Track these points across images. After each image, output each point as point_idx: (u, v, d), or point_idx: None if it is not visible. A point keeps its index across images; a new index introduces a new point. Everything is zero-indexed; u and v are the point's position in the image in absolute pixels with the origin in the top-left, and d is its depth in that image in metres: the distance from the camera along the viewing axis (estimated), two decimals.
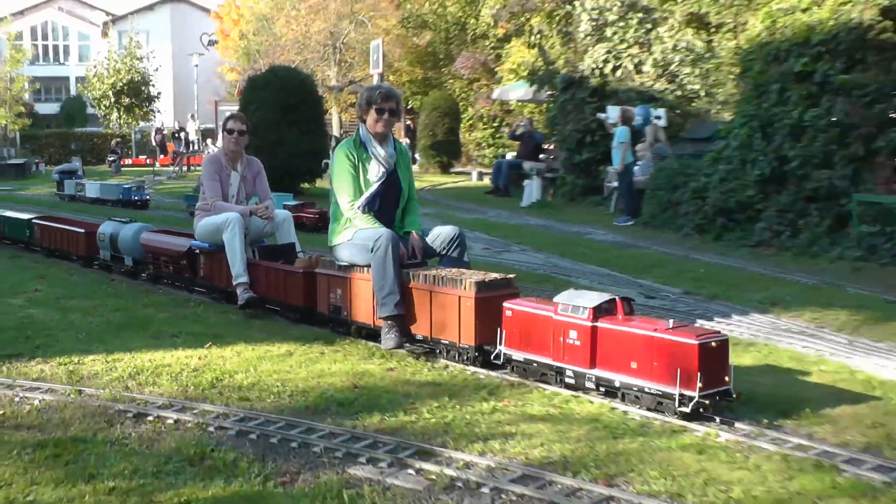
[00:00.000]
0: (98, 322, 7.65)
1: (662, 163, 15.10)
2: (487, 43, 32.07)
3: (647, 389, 4.89)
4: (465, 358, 5.85)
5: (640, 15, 22.18)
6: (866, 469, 4.36)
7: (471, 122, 30.01)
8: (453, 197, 20.96)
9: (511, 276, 6.26)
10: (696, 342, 4.70)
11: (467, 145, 29.49)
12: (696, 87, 20.94)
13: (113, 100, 40.26)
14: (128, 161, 35.80)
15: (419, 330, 6.15)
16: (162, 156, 35.83)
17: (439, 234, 6.90)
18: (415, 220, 7.06)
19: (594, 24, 22.29)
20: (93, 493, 3.94)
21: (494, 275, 6.06)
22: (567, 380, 5.30)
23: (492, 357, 5.72)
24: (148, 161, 36.50)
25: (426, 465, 4.32)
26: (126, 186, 18.38)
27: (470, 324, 5.77)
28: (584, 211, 18.05)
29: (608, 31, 21.71)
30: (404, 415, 5.13)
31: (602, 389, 5.26)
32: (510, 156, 23.80)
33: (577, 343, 5.18)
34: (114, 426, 4.94)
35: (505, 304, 5.63)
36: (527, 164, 20.74)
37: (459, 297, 5.80)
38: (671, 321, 5.04)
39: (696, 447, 4.66)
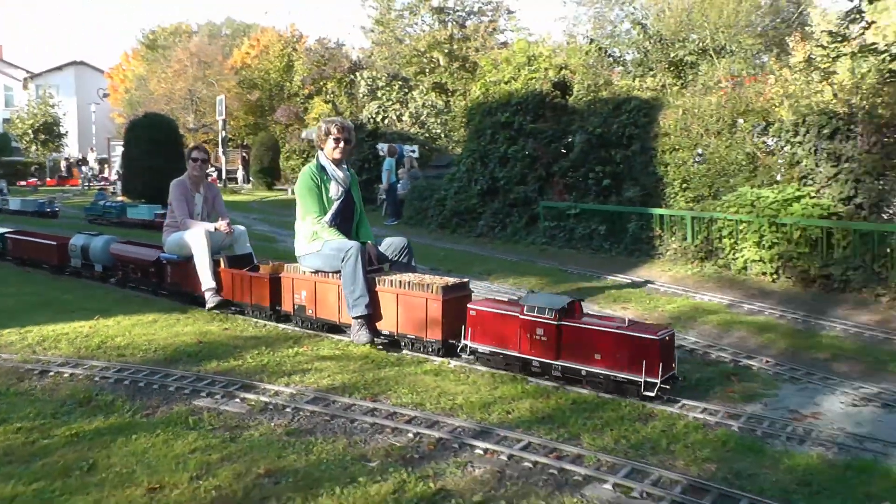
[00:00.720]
0: (14, 303, 7.08)
1: (416, 182, 15.60)
2: (298, 99, 32.43)
3: (612, 377, 4.46)
4: (431, 350, 5.30)
5: (400, 83, 23.09)
6: (544, 379, 4.77)
7: (287, 154, 29.76)
8: (275, 206, 20.47)
9: (466, 279, 5.72)
10: (657, 338, 4.34)
11: (285, 170, 29.22)
12: (438, 131, 21.93)
13: (31, 136, 38.73)
14: (42, 182, 33.34)
15: (386, 326, 5.51)
16: (69, 178, 33.97)
17: (391, 244, 6.22)
18: (368, 232, 6.33)
19: (369, 87, 22.98)
20: (3, 433, 3.86)
21: (454, 280, 5.52)
22: (533, 369, 4.78)
23: (458, 350, 5.13)
24: (58, 182, 34.35)
25: (248, 395, 4.49)
26: (41, 201, 17.60)
27: (437, 322, 5.19)
28: None
29: (379, 93, 22.33)
30: (234, 360, 5.23)
31: (565, 377, 4.71)
32: None
33: (544, 339, 4.68)
34: (23, 381, 4.79)
35: (470, 305, 5.08)
36: None
37: (427, 300, 5.20)
38: (626, 319, 4.74)
39: (434, 371, 5.22)
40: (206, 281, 6.63)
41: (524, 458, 3.52)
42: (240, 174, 33.44)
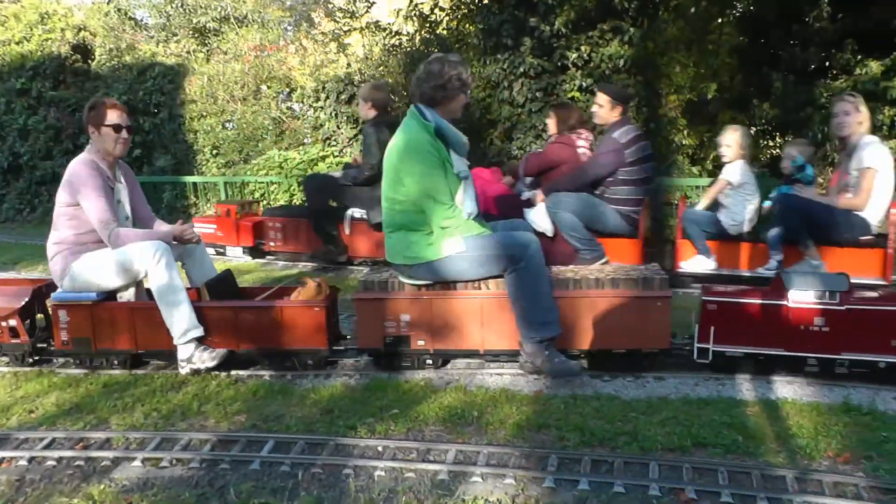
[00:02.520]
0: None
1: None
2: None
3: None
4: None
5: None
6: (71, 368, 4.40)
7: None
8: None
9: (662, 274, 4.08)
10: None
11: None
12: None
13: None
14: None
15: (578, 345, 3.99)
16: None
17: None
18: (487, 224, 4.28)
19: None
20: None
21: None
22: (808, 368, 3.80)
23: (695, 355, 3.88)
24: None
25: None
26: None
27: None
28: None
29: None
30: None
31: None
32: None
33: (825, 329, 3.69)
34: None
35: (707, 298, 3.88)
36: None
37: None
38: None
39: None
40: (188, 323, 4.11)
41: (47, 458, 3.18)
42: None
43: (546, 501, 2.70)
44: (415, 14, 9.73)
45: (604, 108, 5.70)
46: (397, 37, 10.07)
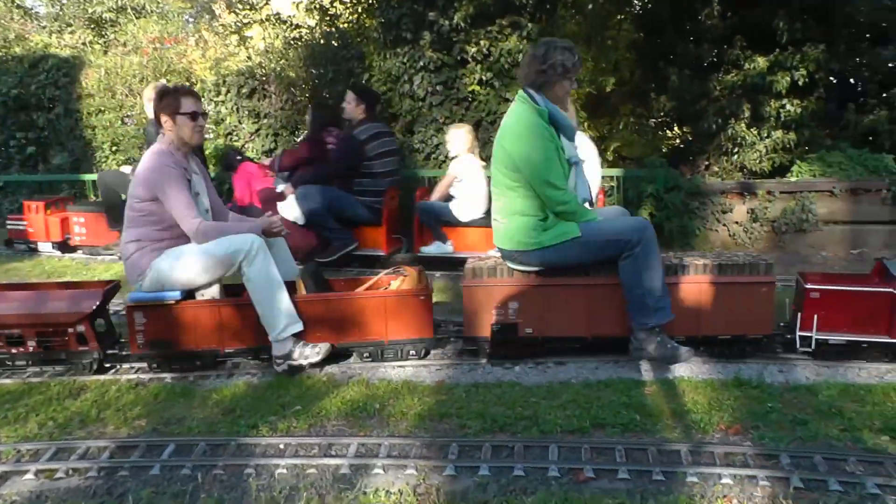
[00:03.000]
0: None
1: None
2: None
3: None
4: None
5: None
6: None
7: None
8: None
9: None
10: None
11: None
12: None
13: None
14: None
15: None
16: None
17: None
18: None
19: None
20: None
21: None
22: None
23: (797, 344, 3.92)
24: None
25: None
26: None
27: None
28: None
29: None
30: None
31: None
32: None
33: None
34: None
35: (810, 286, 3.88)
36: None
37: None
38: None
39: None
40: (288, 318, 3.90)
41: None
42: None
43: (447, 489, 2.76)
44: (315, 7, 9.62)
45: (350, 105, 6.37)
46: (298, 30, 9.94)
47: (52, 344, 4.14)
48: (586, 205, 4.00)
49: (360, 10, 9.38)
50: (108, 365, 4.25)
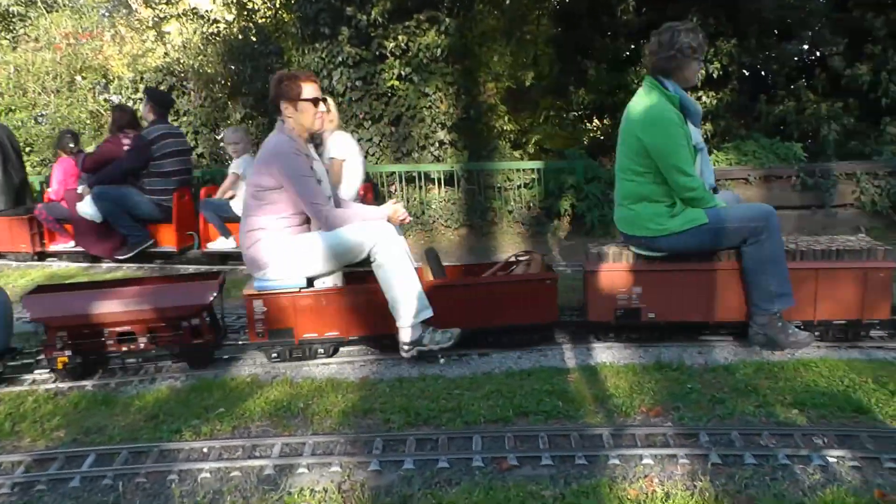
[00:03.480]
0: None
1: None
2: None
3: None
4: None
5: None
6: None
7: None
8: None
9: None
10: None
11: None
12: None
13: None
14: None
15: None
16: None
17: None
18: None
19: None
20: None
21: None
22: None
23: None
24: None
25: None
26: None
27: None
28: None
29: None
30: None
31: None
32: None
33: None
34: None
35: None
36: None
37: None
38: None
39: None
40: (419, 303, 3.83)
41: None
42: None
43: (372, 485, 2.78)
44: (232, 1, 9.47)
45: (144, 108, 6.69)
46: (216, 25, 9.76)
47: (164, 339, 4.06)
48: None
49: (277, 4, 9.28)
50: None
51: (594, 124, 9.95)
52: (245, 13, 9.55)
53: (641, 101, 3.90)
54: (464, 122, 8.22)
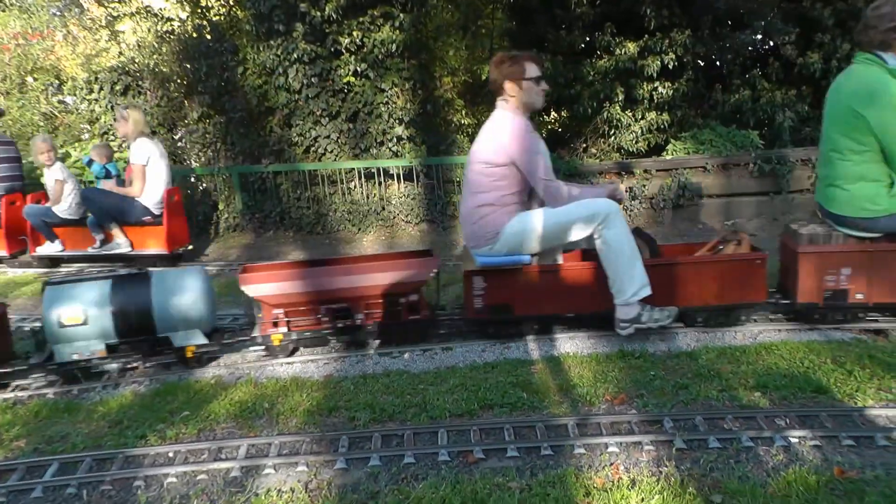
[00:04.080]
0: None
1: None
2: None
3: None
4: None
5: None
6: None
7: None
8: None
9: None
10: None
11: None
12: None
13: None
14: None
15: None
16: None
17: None
18: None
19: None
20: None
21: None
22: None
23: None
24: None
25: None
26: None
27: None
28: None
29: None
30: None
31: None
32: None
33: None
34: None
35: None
36: None
37: None
38: None
39: None
40: (641, 281, 3.85)
41: None
42: None
43: (338, 483, 2.81)
44: None
45: None
46: (170, 23, 9.61)
47: (380, 315, 4.08)
48: None
49: (231, 1, 9.16)
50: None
51: (552, 117, 10.02)
52: (199, 11, 9.41)
53: (859, 76, 3.80)
54: (421, 118, 8.21)
